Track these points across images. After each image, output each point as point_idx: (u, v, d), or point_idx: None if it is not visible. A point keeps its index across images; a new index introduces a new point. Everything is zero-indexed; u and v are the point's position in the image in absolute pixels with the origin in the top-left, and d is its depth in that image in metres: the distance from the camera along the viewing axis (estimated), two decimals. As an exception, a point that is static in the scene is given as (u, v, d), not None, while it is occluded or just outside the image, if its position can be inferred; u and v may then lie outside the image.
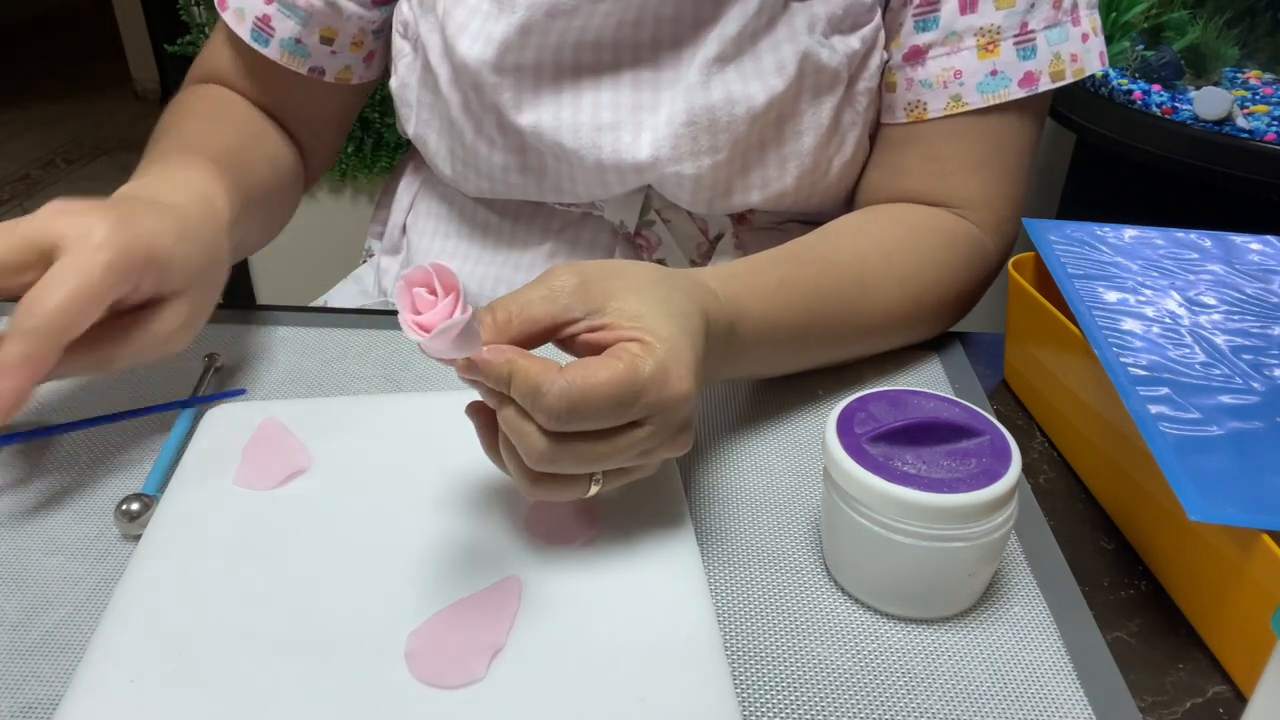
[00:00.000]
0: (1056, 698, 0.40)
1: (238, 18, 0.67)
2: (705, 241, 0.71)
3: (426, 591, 0.43)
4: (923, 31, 0.63)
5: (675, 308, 0.44)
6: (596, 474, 0.42)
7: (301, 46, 0.68)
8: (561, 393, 0.38)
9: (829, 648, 0.42)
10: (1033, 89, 0.62)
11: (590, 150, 0.63)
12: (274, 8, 0.66)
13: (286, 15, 0.67)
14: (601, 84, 0.63)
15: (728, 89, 0.61)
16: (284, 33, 0.67)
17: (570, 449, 0.40)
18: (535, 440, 0.39)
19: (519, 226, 0.72)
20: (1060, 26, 0.62)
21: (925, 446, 0.43)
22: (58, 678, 0.40)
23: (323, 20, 0.67)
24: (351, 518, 0.47)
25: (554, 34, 0.61)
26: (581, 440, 0.40)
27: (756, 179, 0.65)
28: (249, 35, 0.67)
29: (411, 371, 0.61)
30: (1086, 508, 0.52)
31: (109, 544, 0.47)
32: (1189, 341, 0.50)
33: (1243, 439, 0.43)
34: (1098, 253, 0.57)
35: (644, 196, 0.68)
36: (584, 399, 0.39)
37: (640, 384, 0.40)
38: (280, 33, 0.67)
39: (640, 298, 0.43)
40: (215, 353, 0.60)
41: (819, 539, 0.48)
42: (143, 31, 3.34)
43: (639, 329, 0.42)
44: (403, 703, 0.38)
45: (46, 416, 0.56)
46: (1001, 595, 0.45)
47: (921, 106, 0.64)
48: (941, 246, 0.62)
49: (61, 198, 0.48)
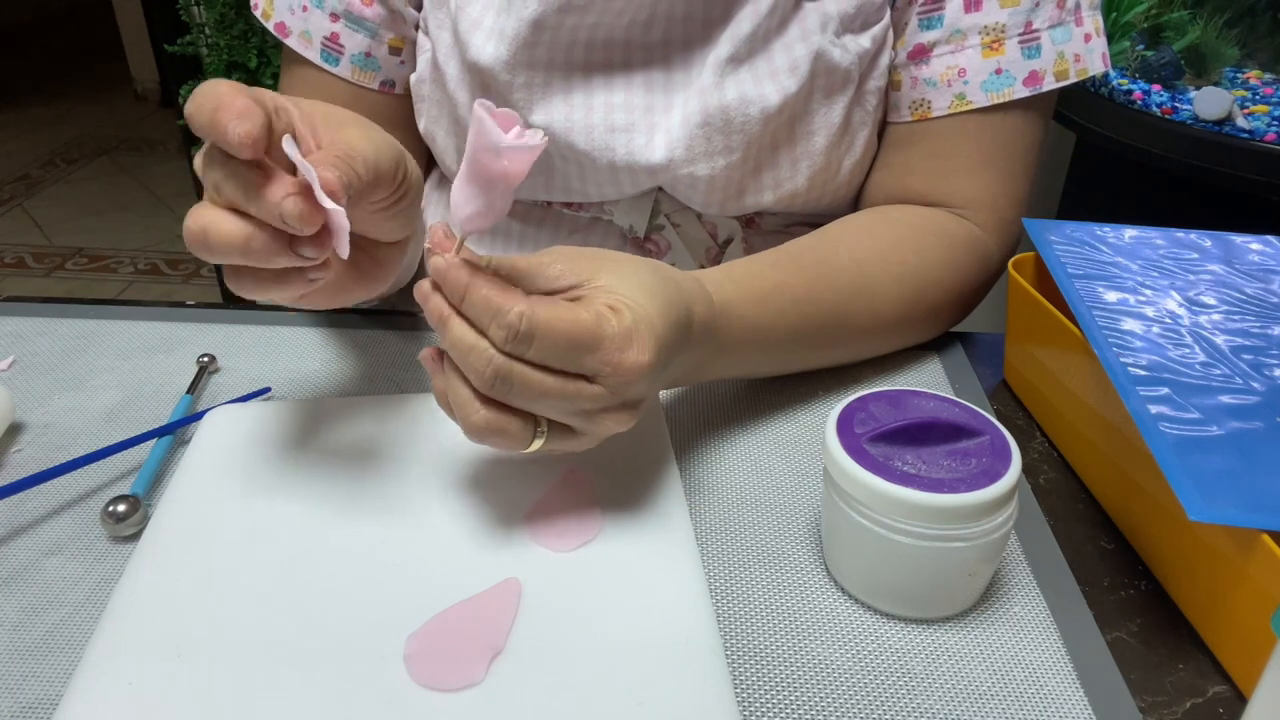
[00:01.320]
0: (1056, 698, 0.40)
1: (305, 42, 0.67)
2: (714, 246, 0.71)
3: (425, 594, 0.43)
4: (927, 30, 0.63)
5: (658, 291, 0.44)
6: (542, 424, 0.42)
7: (371, 60, 0.67)
8: (522, 313, 0.39)
9: (829, 648, 0.42)
10: (1037, 88, 0.62)
11: (603, 152, 0.63)
12: (340, 25, 0.66)
13: (354, 29, 0.66)
14: (613, 84, 0.63)
15: (741, 89, 0.61)
16: (353, 48, 0.67)
17: (520, 372, 0.40)
18: (488, 354, 0.40)
19: (528, 229, 0.72)
20: (1064, 26, 0.62)
21: (925, 446, 0.43)
22: (57, 678, 0.40)
23: (390, 27, 0.67)
24: (350, 520, 0.47)
25: (566, 31, 0.61)
26: (532, 368, 0.40)
27: (769, 180, 0.65)
28: (320, 56, 0.67)
29: (411, 372, 0.61)
30: (1086, 508, 0.52)
31: (108, 544, 0.47)
32: (1189, 341, 0.50)
33: (1243, 439, 0.43)
34: (1098, 253, 0.57)
35: (653, 200, 0.68)
36: (543, 327, 0.39)
37: (599, 336, 0.40)
38: (350, 49, 0.67)
39: (623, 276, 0.44)
40: (211, 354, 0.60)
41: (819, 539, 0.48)
42: (143, 31, 3.34)
43: (614, 297, 0.42)
44: (401, 705, 0.38)
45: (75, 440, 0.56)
46: (1001, 595, 0.45)
47: (926, 105, 0.64)
48: (942, 247, 0.62)
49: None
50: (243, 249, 0.39)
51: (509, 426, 0.42)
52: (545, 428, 0.43)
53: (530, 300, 0.40)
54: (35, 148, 3.27)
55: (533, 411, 0.42)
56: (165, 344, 0.63)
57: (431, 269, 0.41)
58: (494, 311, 0.39)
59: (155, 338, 0.64)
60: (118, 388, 0.59)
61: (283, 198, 0.38)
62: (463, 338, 0.41)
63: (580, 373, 0.41)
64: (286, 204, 0.38)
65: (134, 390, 0.58)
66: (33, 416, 0.56)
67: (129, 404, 0.57)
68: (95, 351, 0.62)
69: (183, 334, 0.64)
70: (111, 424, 0.55)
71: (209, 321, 0.65)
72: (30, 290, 2.48)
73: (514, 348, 0.39)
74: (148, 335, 0.64)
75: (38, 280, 2.52)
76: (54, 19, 4.43)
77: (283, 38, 0.67)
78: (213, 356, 0.60)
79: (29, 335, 0.64)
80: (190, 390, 0.57)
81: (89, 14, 4.02)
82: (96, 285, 2.51)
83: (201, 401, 0.58)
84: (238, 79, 1.97)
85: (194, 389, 0.58)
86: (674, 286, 0.46)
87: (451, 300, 0.41)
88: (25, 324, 0.65)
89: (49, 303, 0.68)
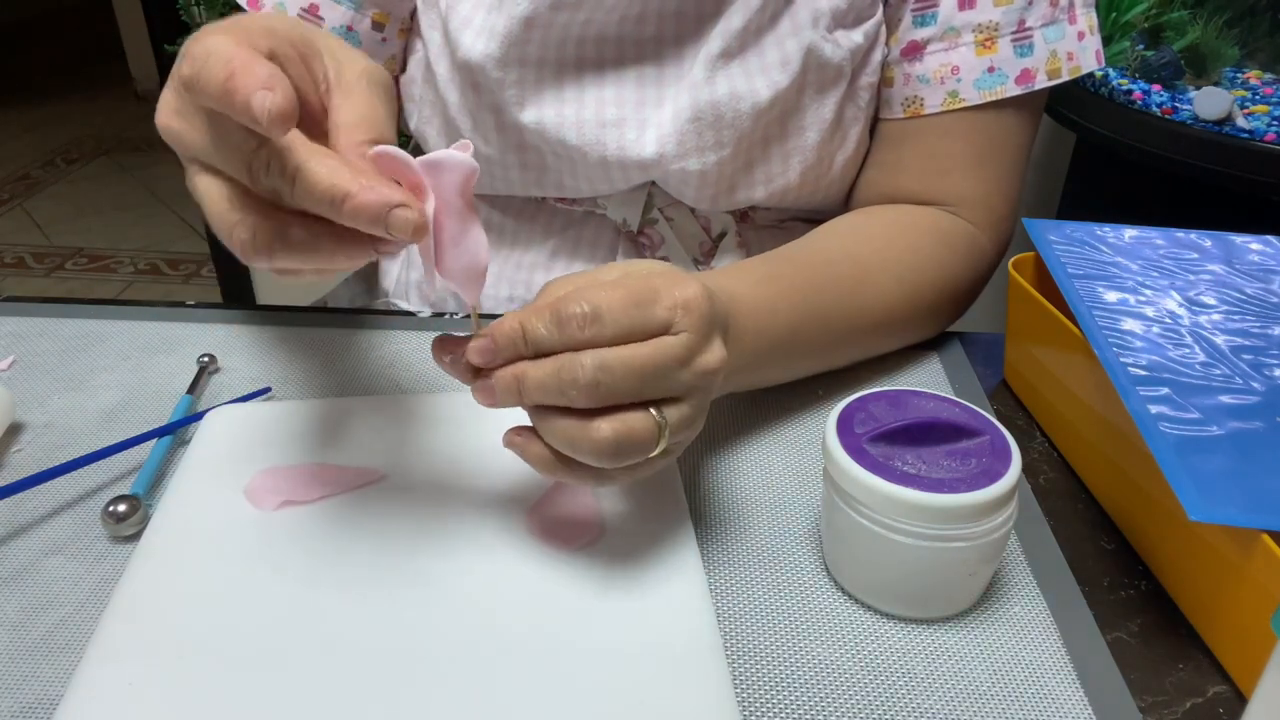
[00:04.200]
0: (1056, 698, 0.40)
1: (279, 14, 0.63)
2: (708, 240, 0.71)
3: (425, 593, 0.43)
4: (921, 27, 0.63)
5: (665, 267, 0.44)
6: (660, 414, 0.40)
7: (353, 35, 0.65)
8: (579, 296, 0.39)
9: (829, 648, 0.42)
10: (1030, 86, 0.62)
11: (594, 147, 0.63)
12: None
13: (337, 1, 0.64)
14: (605, 80, 0.63)
15: (732, 84, 0.61)
16: (333, 20, 0.65)
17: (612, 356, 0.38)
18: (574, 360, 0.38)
19: (521, 225, 0.72)
20: (1057, 24, 0.62)
21: (925, 446, 0.43)
22: (57, 678, 0.40)
23: (375, 2, 0.65)
24: (349, 519, 0.47)
25: (557, 28, 0.61)
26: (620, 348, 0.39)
27: (760, 175, 0.65)
28: None
29: (411, 372, 0.61)
30: (1086, 508, 0.52)
31: (108, 544, 0.47)
32: (1189, 341, 0.50)
33: (1243, 439, 0.43)
34: (1098, 253, 0.57)
35: (647, 194, 0.68)
36: (604, 300, 0.39)
37: (653, 287, 0.40)
38: (330, 21, 0.64)
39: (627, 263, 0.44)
40: (211, 354, 0.60)
41: (819, 539, 0.48)
42: (143, 31, 3.34)
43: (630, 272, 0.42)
44: (401, 705, 0.38)
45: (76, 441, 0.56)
46: (1001, 595, 0.45)
47: (919, 102, 0.64)
48: (938, 245, 0.62)
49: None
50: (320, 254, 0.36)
51: (634, 423, 0.39)
52: (664, 418, 0.40)
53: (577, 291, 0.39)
54: (35, 148, 3.27)
55: (641, 398, 0.40)
56: (165, 344, 0.63)
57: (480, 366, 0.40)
58: (555, 315, 0.38)
59: (155, 338, 0.64)
60: (118, 388, 0.59)
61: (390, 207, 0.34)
62: (544, 370, 0.39)
63: (660, 330, 0.40)
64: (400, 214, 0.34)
65: (134, 390, 0.58)
66: (33, 416, 0.56)
67: (129, 404, 0.57)
68: (95, 351, 0.62)
69: (183, 334, 0.64)
70: (111, 424, 0.55)
71: (209, 321, 0.65)
72: (30, 290, 2.48)
73: (593, 331, 0.38)
74: (148, 335, 0.64)
75: (38, 280, 2.53)
76: (54, 19, 4.43)
77: (253, 11, 0.64)
78: (213, 356, 0.60)
79: (29, 335, 0.64)
80: (190, 390, 0.57)
81: (89, 14, 4.02)
82: (96, 285, 2.51)
83: (201, 401, 0.58)
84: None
85: (194, 389, 0.58)
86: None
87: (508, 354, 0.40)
88: (25, 324, 0.65)
89: (49, 303, 0.68)
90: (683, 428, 0.41)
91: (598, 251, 0.71)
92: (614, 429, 0.39)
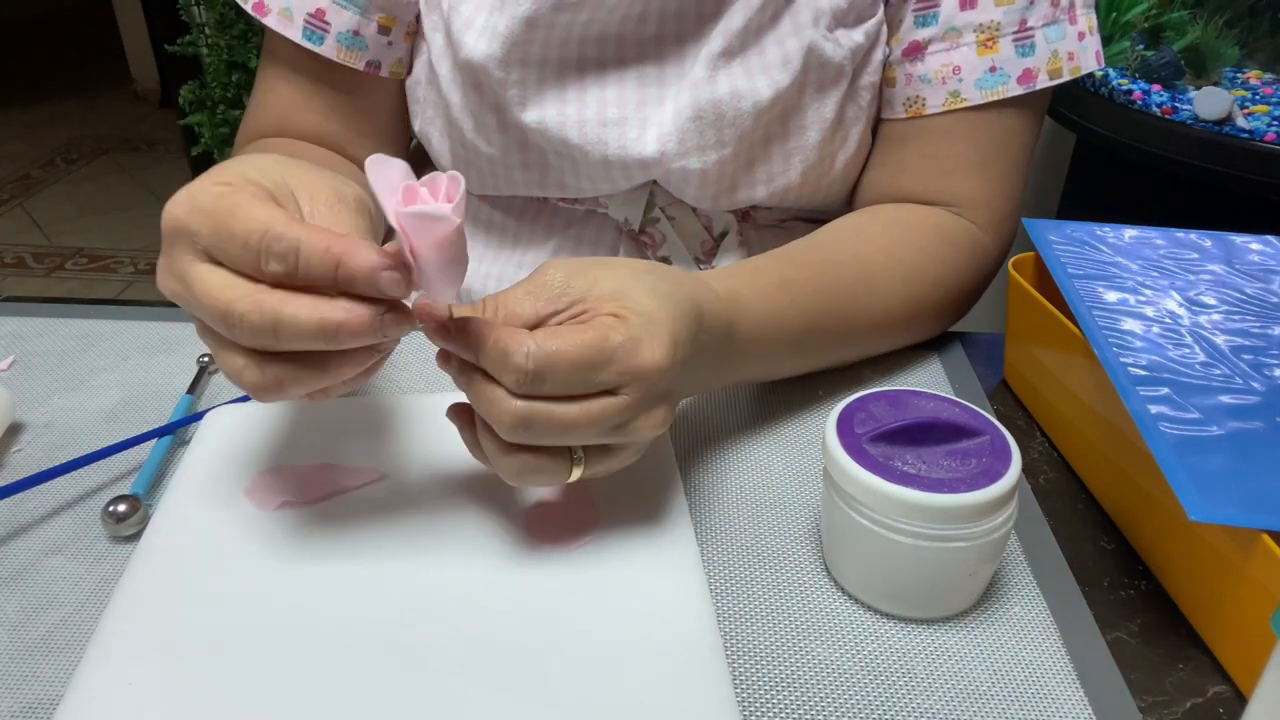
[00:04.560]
0: (1056, 698, 0.40)
1: (285, 20, 0.64)
2: (709, 239, 0.71)
3: (425, 593, 0.43)
4: (922, 27, 0.63)
5: (659, 289, 0.44)
6: (578, 452, 0.42)
7: (359, 39, 0.65)
8: (529, 352, 0.39)
9: (829, 648, 0.42)
10: (1031, 86, 0.62)
11: (596, 146, 0.63)
12: (328, 1, 0.64)
13: (343, 6, 0.64)
14: (606, 80, 0.63)
15: (733, 84, 0.61)
16: (340, 25, 0.64)
17: (541, 413, 0.40)
18: (505, 403, 0.39)
19: (523, 225, 0.72)
20: (1058, 24, 0.62)
21: (925, 446, 0.43)
22: (57, 678, 0.40)
23: (381, 5, 0.65)
24: (350, 520, 0.47)
25: (559, 28, 0.61)
26: (552, 404, 0.40)
27: (762, 174, 0.65)
28: (301, 35, 0.64)
29: (411, 372, 0.61)
30: (1086, 508, 0.52)
31: (108, 544, 0.47)
32: (1189, 341, 0.50)
33: (1243, 439, 0.43)
34: (1098, 253, 0.57)
35: (648, 193, 0.68)
36: (550, 361, 0.39)
37: (608, 350, 0.40)
38: (336, 26, 0.64)
39: (622, 280, 0.43)
40: (211, 354, 0.60)
41: (819, 539, 0.48)
42: (143, 31, 3.34)
43: (617, 304, 0.42)
44: (401, 705, 0.38)
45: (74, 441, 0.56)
46: (1001, 595, 0.45)
47: (920, 102, 0.64)
48: (941, 245, 0.63)
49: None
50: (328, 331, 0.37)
51: (543, 465, 0.42)
52: (581, 454, 0.42)
53: (536, 336, 0.40)
54: (35, 148, 3.27)
55: (566, 444, 0.42)
56: (165, 344, 0.63)
57: (434, 338, 0.41)
58: (503, 357, 0.39)
59: (155, 338, 0.64)
60: (118, 388, 0.59)
61: (378, 269, 0.36)
62: (480, 391, 0.40)
63: (603, 390, 0.41)
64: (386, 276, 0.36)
65: (134, 390, 0.58)
66: (33, 416, 0.56)
67: (129, 404, 0.57)
68: (95, 351, 0.62)
69: (183, 334, 0.64)
70: (111, 424, 0.55)
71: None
72: (30, 290, 2.48)
73: (530, 388, 0.39)
74: (148, 335, 0.64)
75: (38, 280, 2.52)
76: (54, 19, 4.43)
77: (260, 17, 0.65)
78: (213, 356, 0.60)
79: (29, 335, 0.64)
80: (190, 390, 0.57)
81: (89, 14, 4.02)
82: (96, 285, 2.51)
83: (201, 401, 0.58)
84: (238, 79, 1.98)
85: (194, 389, 0.58)
86: (672, 282, 0.45)
87: (466, 357, 0.40)
88: (25, 324, 0.65)
89: (49, 303, 0.68)
90: (606, 465, 0.43)
91: (599, 251, 0.71)
92: (522, 464, 0.41)
